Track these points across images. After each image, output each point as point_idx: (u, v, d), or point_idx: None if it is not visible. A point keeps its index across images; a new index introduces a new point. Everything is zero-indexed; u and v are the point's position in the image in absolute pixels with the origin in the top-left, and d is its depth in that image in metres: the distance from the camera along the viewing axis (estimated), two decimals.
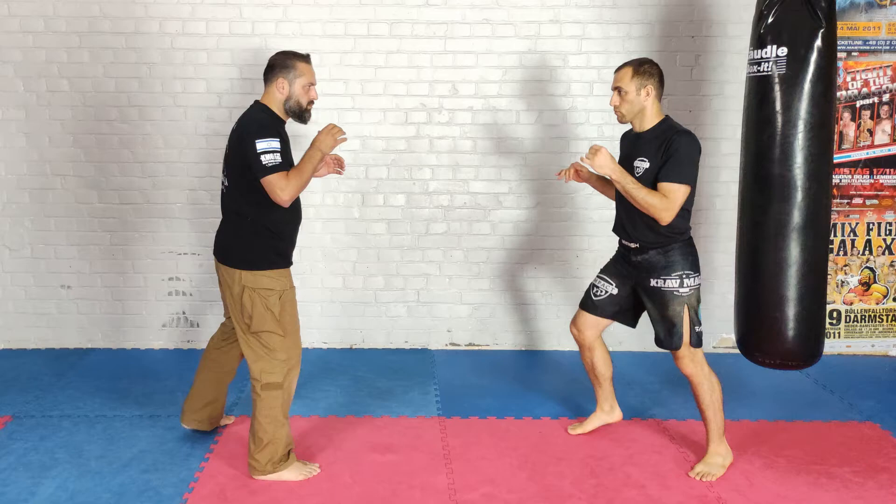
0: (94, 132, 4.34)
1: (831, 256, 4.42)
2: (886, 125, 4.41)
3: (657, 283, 3.07)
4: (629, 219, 3.11)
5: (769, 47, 3.03)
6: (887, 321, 4.56)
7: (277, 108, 2.95)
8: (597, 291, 3.29)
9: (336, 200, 4.42)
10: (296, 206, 3.00)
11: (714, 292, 4.52)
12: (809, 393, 3.96)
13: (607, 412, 3.48)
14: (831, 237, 4.36)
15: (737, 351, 4.37)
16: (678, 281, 3.05)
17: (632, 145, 3.14)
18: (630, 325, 3.35)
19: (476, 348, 4.59)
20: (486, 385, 4.01)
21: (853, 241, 4.50)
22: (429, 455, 3.24)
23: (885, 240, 4.51)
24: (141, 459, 3.16)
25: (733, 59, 4.32)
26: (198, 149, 4.36)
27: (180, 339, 4.52)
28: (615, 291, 3.24)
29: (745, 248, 3.17)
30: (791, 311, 3.04)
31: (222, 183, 3.00)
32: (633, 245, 3.13)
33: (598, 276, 3.32)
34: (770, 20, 3.03)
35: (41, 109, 4.31)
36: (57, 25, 4.25)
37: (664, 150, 2.96)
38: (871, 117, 4.40)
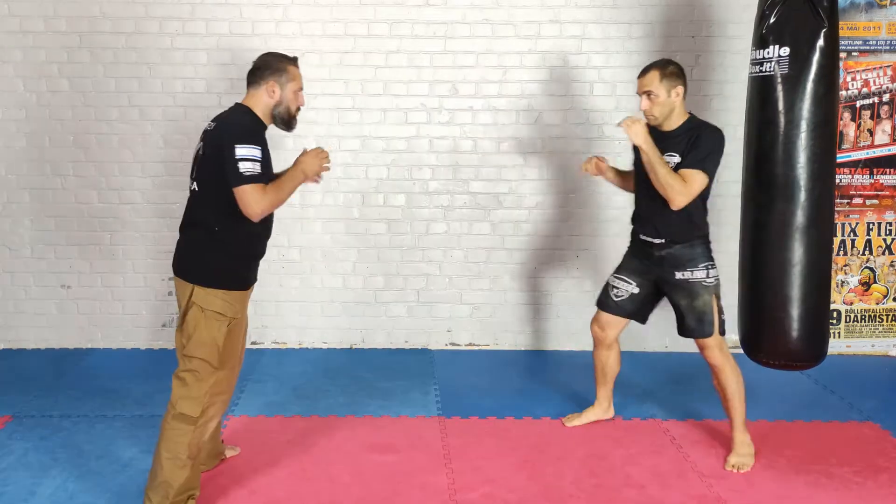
0: (94, 132, 4.34)
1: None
2: (886, 125, 4.41)
3: (684, 275, 3.13)
4: (660, 214, 3.11)
5: (771, 47, 3.03)
6: (887, 321, 4.56)
7: (263, 113, 2.73)
8: (617, 292, 3.32)
9: (336, 200, 4.42)
10: (268, 222, 2.77)
11: None
12: (809, 393, 3.96)
13: (605, 409, 3.56)
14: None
15: (736, 351, 4.37)
16: (705, 272, 3.13)
17: (657, 143, 3.07)
18: (642, 322, 3.41)
19: (476, 348, 4.59)
20: (486, 385, 4.01)
21: (853, 241, 4.50)
22: (429, 455, 3.24)
23: (885, 240, 4.51)
24: (141, 459, 3.15)
25: (733, 59, 4.32)
26: None
27: None
28: (636, 291, 3.28)
29: (749, 249, 3.17)
30: (795, 311, 3.04)
31: (190, 189, 2.73)
32: (657, 241, 3.15)
33: (615, 277, 3.34)
34: (772, 20, 3.03)
35: (41, 109, 4.31)
36: (57, 25, 4.25)
37: (692, 144, 3.03)
38: (871, 117, 4.40)
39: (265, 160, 2.61)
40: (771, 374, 3.88)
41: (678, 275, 3.13)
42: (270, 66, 2.74)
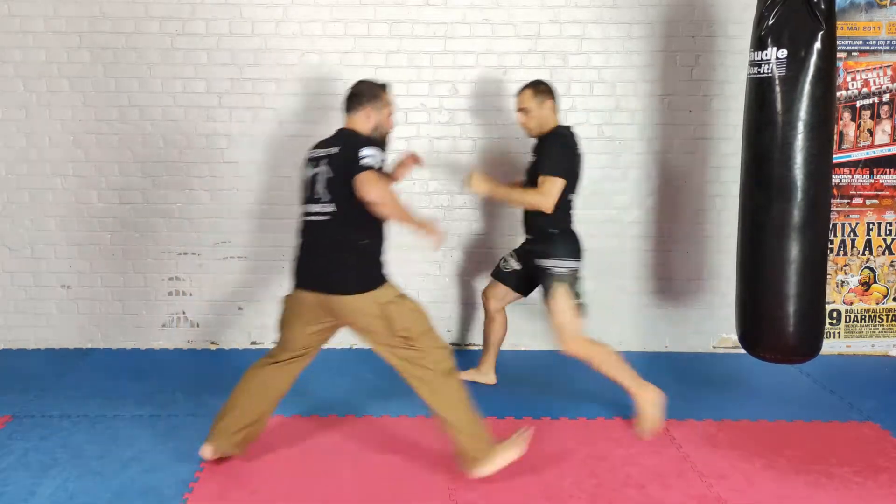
0: (94, 132, 4.34)
1: (831, 256, 4.42)
2: (886, 125, 4.41)
3: (540, 262, 3.52)
4: (526, 216, 3.61)
5: (770, 49, 3.04)
6: (887, 321, 4.56)
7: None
8: (505, 265, 3.81)
9: None
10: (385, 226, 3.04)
11: (714, 292, 4.52)
12: (809, 393, 3.96)
13: (483, 374, 3.96)
14: (831, 237, 4.37)
15: (737, 351, 4.38)
16: (555, 262, 3.47)
17: (535, 148, 3.59)
18: (524, 295, 3.83)
19: (476, 348, 4.58)
20: (486, 385, 4.01)
21: (853, 241, 4.50)
22: (429, 455, 3.24)
23: (885, 240, 4.51)
24: (141, 459, 3.16)
25: (733, 59, 4.32)
26: (198, 149, 4.36)
27: (180, 339, 4.52)
28: (518, 267, 3.75)
29: (747, 248, 3.20)
30: (792, 307, 3.09)
31: (316, 213, 2.94)
32: (526, 237, 3.68)
33: (509, 254, 3.82)
34: (771, 21, 3.04)
35: (41, 109, 4.31)
36: (57, 25, 4.25)
37: (542, 150, 3.46)
38: (871, 117, 4.40)
39: (384, 163, 2.88)
40: (771, 374, 3.90)
41: (536, 261, 3.54)
42: (367, 94, 3.03)
